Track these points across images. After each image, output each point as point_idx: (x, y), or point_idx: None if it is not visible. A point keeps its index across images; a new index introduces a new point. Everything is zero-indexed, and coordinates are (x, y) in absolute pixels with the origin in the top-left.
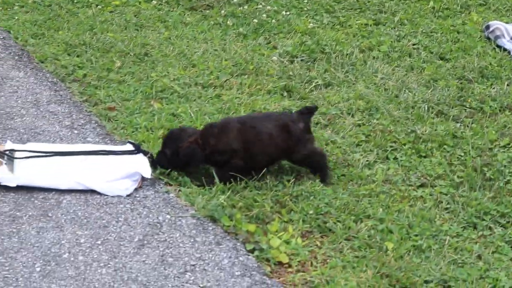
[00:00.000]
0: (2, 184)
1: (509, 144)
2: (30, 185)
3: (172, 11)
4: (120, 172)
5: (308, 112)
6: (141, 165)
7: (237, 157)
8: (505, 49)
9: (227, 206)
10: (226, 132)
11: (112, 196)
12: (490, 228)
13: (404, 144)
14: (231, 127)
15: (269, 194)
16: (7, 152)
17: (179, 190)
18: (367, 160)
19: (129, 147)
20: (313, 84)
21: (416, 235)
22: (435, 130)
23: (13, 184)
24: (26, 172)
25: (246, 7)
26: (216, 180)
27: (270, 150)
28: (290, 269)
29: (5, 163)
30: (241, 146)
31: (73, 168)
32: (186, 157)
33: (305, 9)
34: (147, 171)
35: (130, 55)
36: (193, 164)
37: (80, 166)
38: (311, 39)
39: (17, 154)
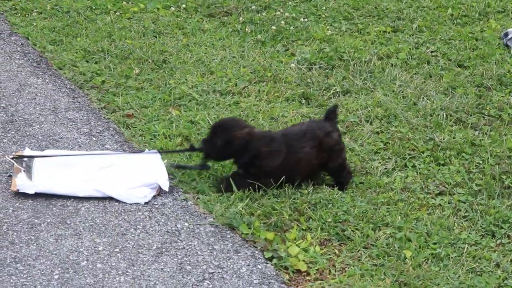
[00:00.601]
0: (21, 191)
1: None
2: (48, 192)
3: (190, 18)
4: (138, 180)
5: (334, 114)
6: (160, 176)
7: (273, 178)
8: None
9: (246, 214)
10: (274, 153)
11: (130, 204)
12: (508, 236)
13: (423, 152)
14: (278, 149)
15: (288, 202)
16: (25, 160)
17: (197, 198)
18: (385, 168)
19: (149, 155)
20: (331, 91)
21: (435, 243)
22: (454, 138)
23: (31, 191)
24: (44, 179)
25: (264, 14)
26: (234, 188)
27: (307, 170)
28: (308, 277)
29: (24, 170)
30: (280, 170)
31: (91, 176)
32: (239, 146)
33: (323, 16)
34: (165, 183)
35: (148, 62)
36: (241, 155)
37: (99, 173)
38: (329, 46)
39: (36, 162)
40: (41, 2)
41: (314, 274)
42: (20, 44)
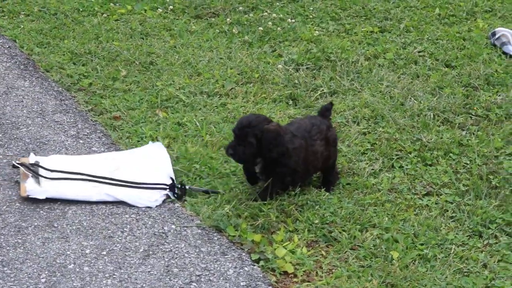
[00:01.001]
0: (31, 196)
1: None
2: (59, 198)
3: (177, 19)
4: (147, 180)
5: (328, 112)
6: (167, 174)
7: (297, 175)
8: (511, 56)
9: (233, 216)
10: (298, 149)
11: (117, 207)
12: (495, 237)
13: (410, 153)
14: (301, 145)
15: (274, 203)
16: (33, 168)
17: (185, 200)
18: (372, 169)
19: (153, 147)
20: (319, 92)
21: (422, 244)
22: (441, 138)
23: (42, 196)
24: (54, 184)
25: (251, 15)
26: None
27: (321, 162)
28: (295, 279)
29: (32, 176)
30: (303, 166)
31: (102, 180)
32: (271, 140)
33: (311, 16)
34: (171, 179)
35: (136, 63)
36: (271, 150)
37: (110, 176)
38: (317, 47)
39: (42, 171)
40: (29, 4)
41: (301, 275)
42: (7, 46)
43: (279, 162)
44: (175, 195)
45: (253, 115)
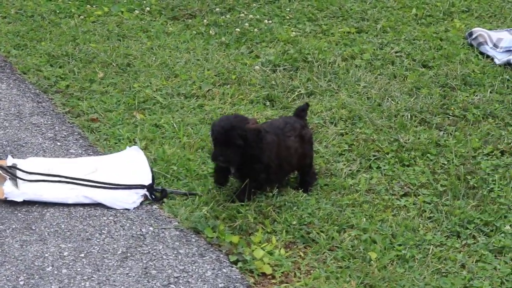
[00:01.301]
0: (9, 199)
1: (492, 152)
2: (37, 200)
3: (154, 20)
4: (124, 182)
5: (304, 112)
6: (144, 176)
7: (272, 171)
8: (488, 56)
9: (210, 217)
10: (269, 142)
11: (95, 209)
12: (473, 237)
13: (387, 153)
14: (271, 139)
15: (252, 205)
16: (10, 170)
17: (162, 202)
18: (350, 170)
19: (131, 151)
20: (296, 93)
21: (400, 245)
22: (418, 138)
23: (20, 199)
24: (32, 186)
25: (228, 16)
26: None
27: (297, 159)
28: (273, 280)
29: (9, 178)
30: (276, 162)
31: (80, 182)
32: (254, 138)
33: (288, 17)
34: (149, 180)
35: (113, 65)
36: (254, 148)
37: (87, 178)
38: (294, 48)
39: (20, 173)
40: (5, 7)
41: (280, 277)
42: None
43: (254, 159)
44: (153, 197)
45: (229, 116)
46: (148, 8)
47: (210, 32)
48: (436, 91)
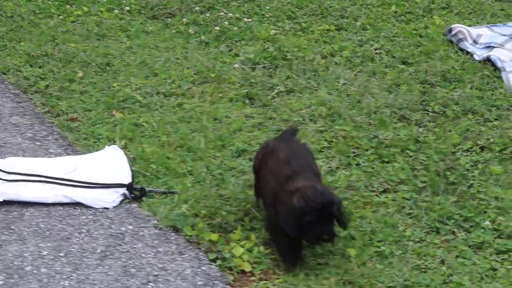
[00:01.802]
0: None
1: (472, 147)
2: (17, 200)
3: (134, 20)
4: (104, 181)
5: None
6: (124, 175)
7: None
8: (467, 52)
9: (190, 215)
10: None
11: (75, 208)
12: (453, 233)
13: (367, 150)
14: None
15: (232, 202)
16: None
17: (142, 200)
18: (329, 167)
19: (110, 150)
20: (275, 91)
21: (379, 241)
22: (398, 135)
23: (0, 199)
24: (12, 187)
25: (208, 14)
26: None
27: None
28: (253, 278)
29: None
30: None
31: (59, 181)
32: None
33: (267, 15)
34: (129, 179)
35: (92, 65)
36: None
37: (67, 177)
38: (273, 46)
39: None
40: None
41: (259, 274)
42: None
43: None
44: (132, 196)
45: (324, 189)
46: (127, 8)
47: (190, 31)
48: (415, 88)
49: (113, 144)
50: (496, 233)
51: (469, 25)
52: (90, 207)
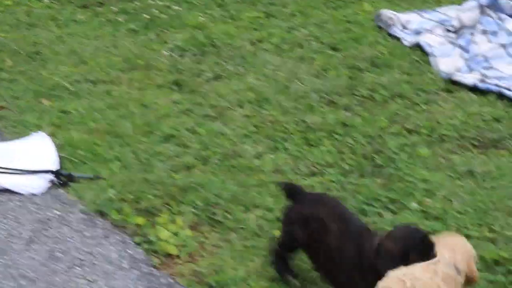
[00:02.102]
0: None
1: (399, 131)
2: None
3: (63, 9)
4: (31, 167)
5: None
6: (50, 161)
7: None
8: (396, 38)
9: (116, 200)
10: None
11: (2, 194)
12: (379, 214)
13: (294, 134)
14: None
15: (159, 186)
16: None
17: (69, 186)
18: (256, 151)
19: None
20: (204, 77)
21: None
22: (325, 119)
23: None
24: None
25: (137, 3)
26: None
27: None
28: (179, 261)
29: None
30: None
31: None
32: None
33: (196, 3)
34: (56, 166)
35: (21, 54)
36: None
37: None
38: (202, 33)
39: None
40: None
41: (184, 257)
42: None
43: None
44: (59, 181)
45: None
46: None
47: (119, 19)
48: (344, 73)
49: (40, 131)
50: (423, 215)
51: (399, 11)
52: (17, 193)
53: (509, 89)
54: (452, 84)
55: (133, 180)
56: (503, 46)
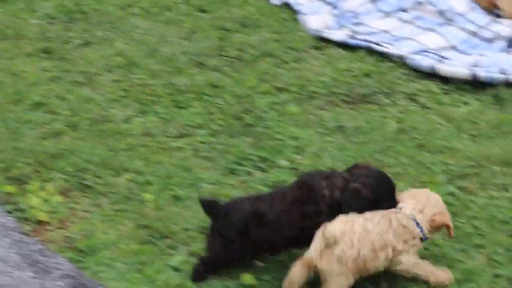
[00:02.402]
0: None
1: (269, 90)
2: None
3: None
4: None
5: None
6: None
7: None
8: None
9: None
10: None
11: None
12: (249, 173)
13: (163, 97)
14: None
15: (29, 154)
16: None
17: None
18: (125, 115)
19: None
20: (72, 44)
21: (175, 185)
22: (194, 81)
23: None
24: None
25: None
26: None
27: None
28: (50, 227)
29: None
30: None
31: None
32: None
33: None
34: None
35: None
36: None
37: None
38: (71, 0)
39: None
40: None
41: (55, 223)
42: None
43: None
44: None
45: None
46: None
47: None
48: (213, 34)
49: None
50: (293, 172)
51: None
52: None
53: (378, 44)
54: (322, 41)
55: (3, 149)
56: (373, 1)
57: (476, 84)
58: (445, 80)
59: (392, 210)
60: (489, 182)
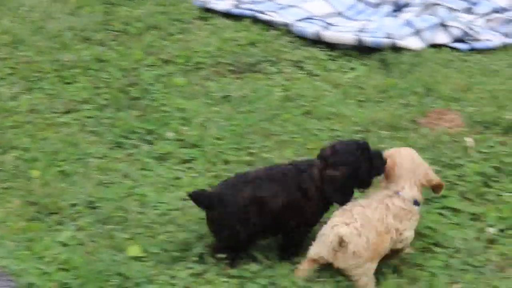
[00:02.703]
0: None
1: (155, 62)
2: None
3: None
4: None
5: None
6: None
7: None
8: None
9: None
10: None
11: None
12: (135, 146)
13: (49, 73)
14: None
15: None
16: None
17: None
18: (12, 92)
19: None
20: None
21: (62, 161)
22: (80, 56)
23: None
24: None
25: None
26: None
27: None
28: None
29: None
30: None
31: None
32: None
33: None
34: None
35: None
36: None
37: None
38: None
39: None
40: None
41: None
42: None
43: None
44: None
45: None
46: None
47: None
48: (98, 9)
49: None
50: (180, 143)
51: None
52: None
53: (263, 13)
54: (207, 12)
55: None
56: None
57: (362, 50)
58: (331, 46)
59: (388, 193)
60: (376, 146)
